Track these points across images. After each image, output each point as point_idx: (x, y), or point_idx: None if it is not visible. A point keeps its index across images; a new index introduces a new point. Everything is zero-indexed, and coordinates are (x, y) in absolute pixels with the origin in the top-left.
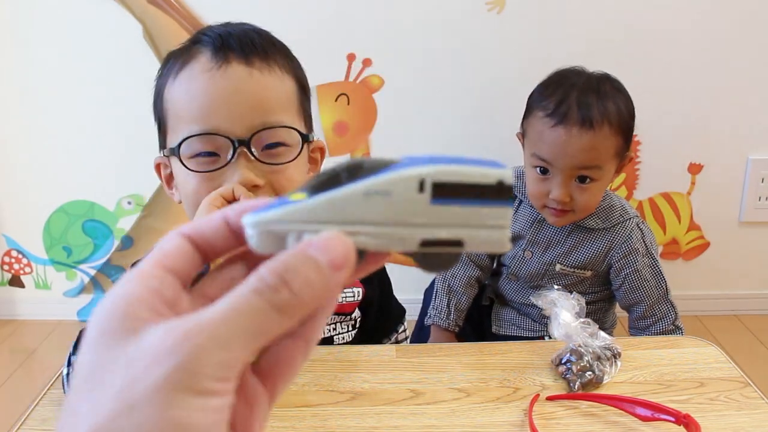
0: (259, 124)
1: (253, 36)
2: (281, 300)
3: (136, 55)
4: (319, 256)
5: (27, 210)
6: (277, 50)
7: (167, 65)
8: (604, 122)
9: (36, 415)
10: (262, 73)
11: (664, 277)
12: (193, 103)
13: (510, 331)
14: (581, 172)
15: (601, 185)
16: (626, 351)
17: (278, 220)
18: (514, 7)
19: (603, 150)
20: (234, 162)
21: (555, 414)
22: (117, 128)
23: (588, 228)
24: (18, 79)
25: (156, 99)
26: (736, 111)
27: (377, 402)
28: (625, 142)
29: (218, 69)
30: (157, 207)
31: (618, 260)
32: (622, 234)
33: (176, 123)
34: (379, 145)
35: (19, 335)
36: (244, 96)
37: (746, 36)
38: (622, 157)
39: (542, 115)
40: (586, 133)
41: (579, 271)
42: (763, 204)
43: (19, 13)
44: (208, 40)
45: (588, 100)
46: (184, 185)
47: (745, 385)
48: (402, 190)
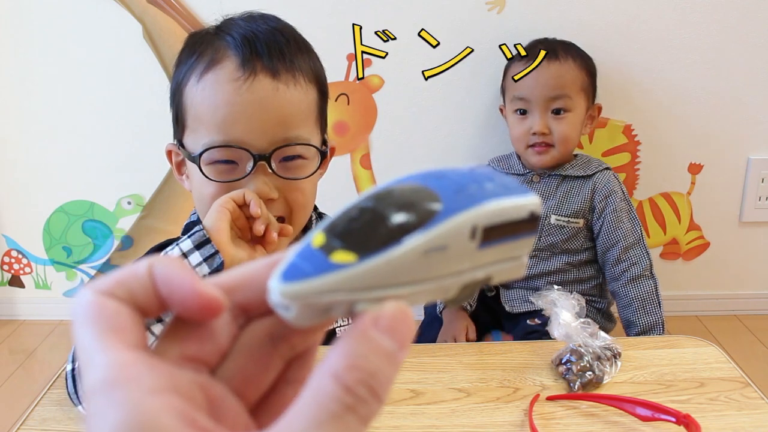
0: (281, 140)
1: (280, 40)
2: (372, 412)
3: (136, 54)
4: (390, 344)
5: (27, 210)
6: (302, 54)
7: (191, 57)
8: (569, 56)
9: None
10: (287, 86)
11: (639, 224)
12: (216, 112)
13: (523, 308)
14: (554, 104)
15: (574, 118)
16: (626, 351)
17: (326, 290)
18: (514, 7)
19: (569, 79)
20: (252, 174)
21: (555, 414)
22: (117, 128)
23: (572, 177)
24: (18, 78)
25: (176, 91)
26: (736, 111)
27: None
28: (590, 81)
29: (245, 81)
30: (157, 207)
31: (599, 201)
32: (602, 179)
33: (197, 125)
34: (379, 145)
35: (18, 335)
36: (268, 111)
37: (746, 36)
38: (589, 98)
39: (516, 61)
40: (552, 64)
41: (573, 220)
42: (763, 204)
43: (18, 12)
44: (234, 42)
45: (554, 45)
46: (199, 187)
47: (746, 385)
48: (457, 241)
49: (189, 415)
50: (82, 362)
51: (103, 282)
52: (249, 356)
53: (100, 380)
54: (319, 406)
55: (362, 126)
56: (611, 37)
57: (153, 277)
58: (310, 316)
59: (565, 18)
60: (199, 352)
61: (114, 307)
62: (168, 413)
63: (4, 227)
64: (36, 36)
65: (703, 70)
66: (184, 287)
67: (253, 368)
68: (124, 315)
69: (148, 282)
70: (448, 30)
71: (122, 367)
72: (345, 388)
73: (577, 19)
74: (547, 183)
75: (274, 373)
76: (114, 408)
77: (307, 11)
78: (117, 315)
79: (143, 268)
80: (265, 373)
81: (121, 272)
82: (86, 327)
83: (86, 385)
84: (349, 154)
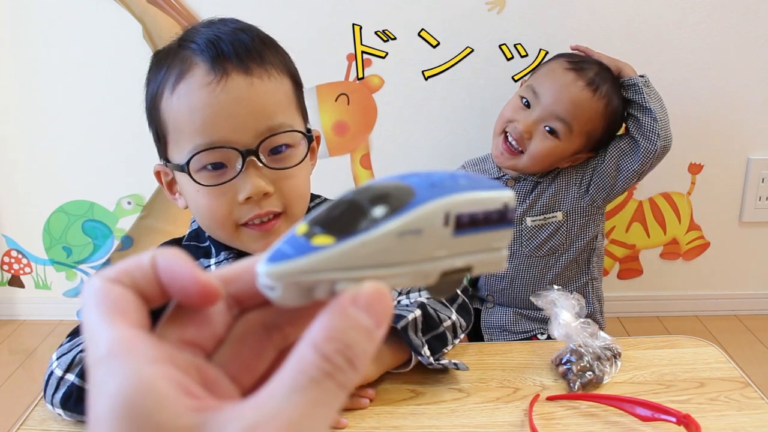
0: (265, 131)
1: (244, 39)
2: (349, 380)
3: (136, 54)
4: (367, 320)
5: (27, 210)
6: (269, 49)
7: (159, 73)
8: (605, 98)
9: (36, 415)
10: (261, 80)
11: None
12: (194, 117)
13: (501, 338)
14: (552, 123)
15: (557, 149)
16: (626, 351)
17: (307, 270)
18: (514, 7)
19: (584, 115)
20: (243, 171)
21: (555, 414)
22: (117, 128)
23: (547, 180)
24: (17, 78)
25: (151, 109)
26: (736, 111)
27: (377, 402)
28: (599, 137)
29: (218, 83)
30: (157, 207)
31: (581, 177)
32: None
33: (178, 136)
34: (379, 145)
35: (18, 335)
36: (246, 105)
37: (746, 36)
38: (584, 146)
39: (564, 60)
40: (586, 91)
41: (549, 215)
42: (763, 204)
43: (18, 12)
44: (199, 48)
45: (605, 76)
46: (195, 199)
47: (745, 385)
48: (431, 225)
49: (185, 384)
50: (86, 340)
51: (110, 270)
52: (243, 343)
53: (104, 352)
54: (299, 372)
55: (362, 126)
56: (611, 37)
57: (155, 267)
58: (294, 296)
59: (565, 18)
60: (196, 337)
61: (119, 292)
62: (165, 380)
63: (4, 227)
64: (36, 36)
65: (703, 70)
66: (185, 275)
67: (247, 354)
68: (128, 299)
69: (151, 271)
70: (448, 30)
71: (124, 340)
72: (323, 356)
73: (577, 19)
74: (522, 186)
75: (267, 361)
76: (114, 376)
77: (307, 11)
78: (122, 298)
79: (147, 258)
80: (259, 360)
81: (127, 262)
82: (93, 308)
83: (90, 360)
84: (349, 154)
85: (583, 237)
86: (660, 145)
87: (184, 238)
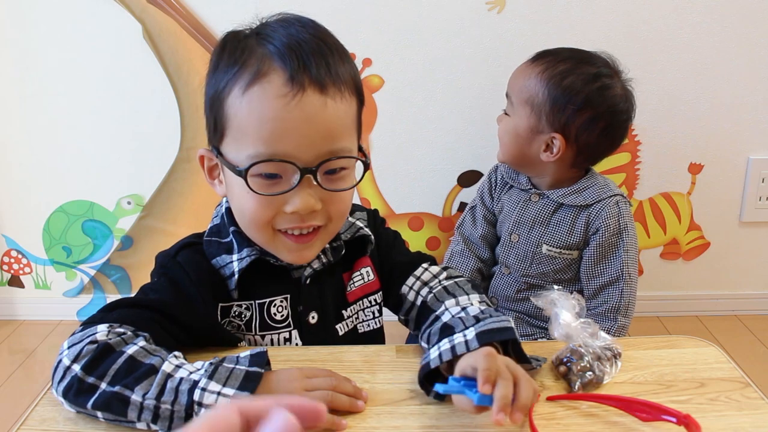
0: (326, 153)
1: (324, 50)
2: None
3: (136, 54)
4: None
5: (27, 210)
6: (344, 64)
7: (233, 66)
8: (543, 65)
9: (36, 415)
10: (335, 100)
11: (630, 260)
12: (263, 126)
13: None
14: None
15: (509, 126)
16: (626, 351)
17: None
18: (514, 7)
19: (518, 82)
20: (297, 187)
21: (555, 414)
22: (117, 128)
23: (570, 206)
24: (17, 78)
25: (214, 99)
26: (736, 111)
27: (377, 402)
28: (541, 114)
29: (293, 97)
30: (157, 207)
31: (591, 234)
32: (597, 210)
33: (240, 137)
34: (379, 145)
35: (18, 335)
36: (316, 125)
37: (746, 36)
38: (541, 132)
39: None
40: (525, 63)
41: (565, 252)
42: (763, 204)
43: (18, 12)
44: (278, 52)
45: (562, 52)
46: (240, 198)
47: (746, 385)
48: None
49: None
50: None
51: None
52: None
53: None
54: None
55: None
56: (611, 37)
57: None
58: None
59: (565, 18)
60: None
61: None
62: None
63: (4, 227)
64: (36, 36)
65: (703, 70)
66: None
67: None
68: None
69: None
70: (448, 30)
71: None
72: None
73: (577, 19)
74: (544, 206)
75: None
76: None
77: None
78: None
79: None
80: None
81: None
82: None
83: None
84: None
85: (597, 274)
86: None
87: (204, 234)
